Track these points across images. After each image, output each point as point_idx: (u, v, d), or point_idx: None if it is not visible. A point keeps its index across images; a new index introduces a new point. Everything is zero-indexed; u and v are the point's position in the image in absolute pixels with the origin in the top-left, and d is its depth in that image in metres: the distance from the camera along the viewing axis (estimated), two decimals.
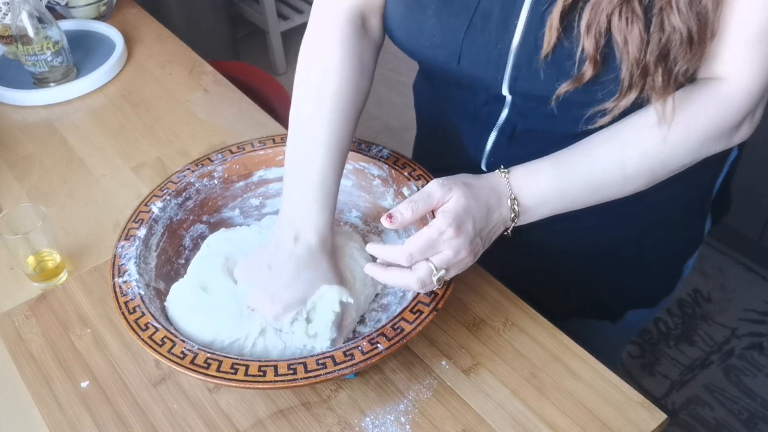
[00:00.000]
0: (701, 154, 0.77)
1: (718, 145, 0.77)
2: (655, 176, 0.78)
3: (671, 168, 0.77)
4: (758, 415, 1.75)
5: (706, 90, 0.74)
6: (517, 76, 0.78)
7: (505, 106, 0.84)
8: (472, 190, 0.75)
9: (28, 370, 0.86)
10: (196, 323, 0.79)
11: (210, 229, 0.95)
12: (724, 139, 0.77)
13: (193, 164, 0.95)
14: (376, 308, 0.87)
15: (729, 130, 0.76)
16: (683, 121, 0.74)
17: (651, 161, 0.76)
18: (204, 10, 2.75)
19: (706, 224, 1.01)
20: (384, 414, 0.79)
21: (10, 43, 1.38)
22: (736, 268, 2.10)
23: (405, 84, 2.83)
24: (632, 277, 1.01)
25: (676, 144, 0.75)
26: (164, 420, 0.80)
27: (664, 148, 0.75)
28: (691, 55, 0.69)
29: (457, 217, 0.72)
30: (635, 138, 0.75)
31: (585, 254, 0.98)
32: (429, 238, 0.72)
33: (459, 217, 0.73)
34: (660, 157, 0.76)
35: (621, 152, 0.76)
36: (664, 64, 0.69)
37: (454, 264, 0.74)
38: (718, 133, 0.75)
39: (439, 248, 0.72)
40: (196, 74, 1.36)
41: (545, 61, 0.73)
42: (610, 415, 0.77)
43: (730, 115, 0.74)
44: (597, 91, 0.73)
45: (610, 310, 1.07)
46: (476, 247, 0.75)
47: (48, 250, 0.98)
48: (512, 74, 0.78)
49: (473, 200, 0.74)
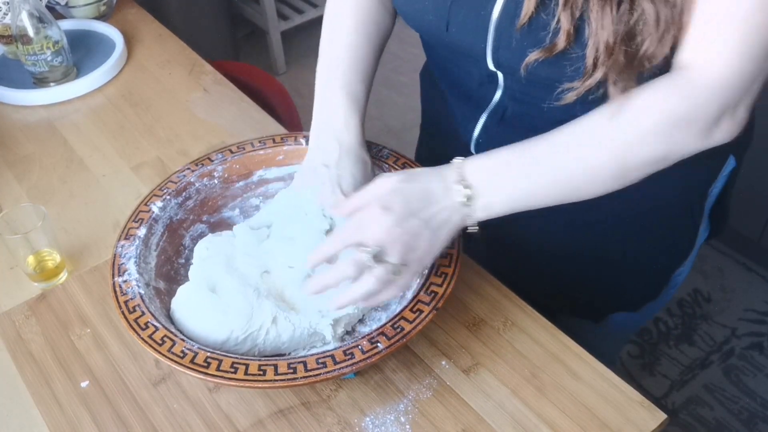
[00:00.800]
0: (674, 146, 0.73)
1: (693, 139, 0.73)
2: (625, 167, 0.74)
3: (641, 158, 0.73)
4: (758, 415, 1.75)
5: (672, 77, 0.72)
6: (498, 46, 0.78)
7: (498, 87, 0.85)
8: (409, 174, 0.76)
9: (28, 370, 0.86)
10: (209, 324, 0.80)
11: (210, 229, 0.95)
12: (699, 132, 0.72)
13: (193, 164, 0.95)
14: (376, 308, 0.87)
15: (702, 123, 0.72)
16: (644, 105, 0.71)
17: (612, 147, 0.73)
18: (204, 10, 2.75)
19: (698, 235, 0.99)
20: (384, 414, 0.79)
21: (10, 43, 1.38)
22: (736, 268, 2.10)
23: (405, 84, 2.83)
24: (616, 279, 1.01)
25: (637, 130, 0.72)
26: (164, 420, 0.80)
27: (626, 136, 0.72)
28: (658, 40, 0.68)
29: (381, 196, 0.73)
30: (592, 125, 0.74)
31: (571, 252, 0.98)
32: (352, 221, 0.74)
33: (383, 197, 0.73)
34: (621, 144, 0.73)
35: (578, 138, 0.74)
36: (628, 46, 0.69)
37: (390, 243, 0.72)
38: (686, 123, 0.71)
39: (365, 228, 0.73)
40: (196, 74, 1.36)
41: (521, 31, 0.74)
42: (610, 415, 0.77)
43: (700, 104, 0.71)
44: (566, 66, 0.73)
45: (593, 310, 1.07)
46: (414, 228, 0.73)
47: (48, 250, 0.98)
48: (494, 43, 0.78)
49: (405, 182, 0.75)
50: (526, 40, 0.74)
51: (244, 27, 3.12)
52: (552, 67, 0.74)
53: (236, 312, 0.80)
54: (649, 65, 0.71)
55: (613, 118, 0.72)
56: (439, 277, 0.79)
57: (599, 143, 0.73)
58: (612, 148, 0.73)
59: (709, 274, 2.09)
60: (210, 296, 0.82)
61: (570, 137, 0.74)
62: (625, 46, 0.69)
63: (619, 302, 1.06)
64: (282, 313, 0.81)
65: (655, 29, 0.68)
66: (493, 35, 0.78)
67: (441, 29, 0.82)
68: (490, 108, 0.89)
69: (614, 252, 0.97)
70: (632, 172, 0.75)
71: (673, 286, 1.05)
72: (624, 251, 0.97)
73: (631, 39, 0.69)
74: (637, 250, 0.98)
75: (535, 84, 0.77)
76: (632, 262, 0.99)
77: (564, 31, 0.70)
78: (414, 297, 0.77)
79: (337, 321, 0.81)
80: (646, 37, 0.69)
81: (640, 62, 0.70)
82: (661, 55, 0.70)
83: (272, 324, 0.80)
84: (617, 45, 0.68)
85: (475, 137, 0.93)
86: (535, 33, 0.73)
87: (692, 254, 1.02)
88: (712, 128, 0.72)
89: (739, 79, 0.70)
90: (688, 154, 0.75)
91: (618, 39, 0.68)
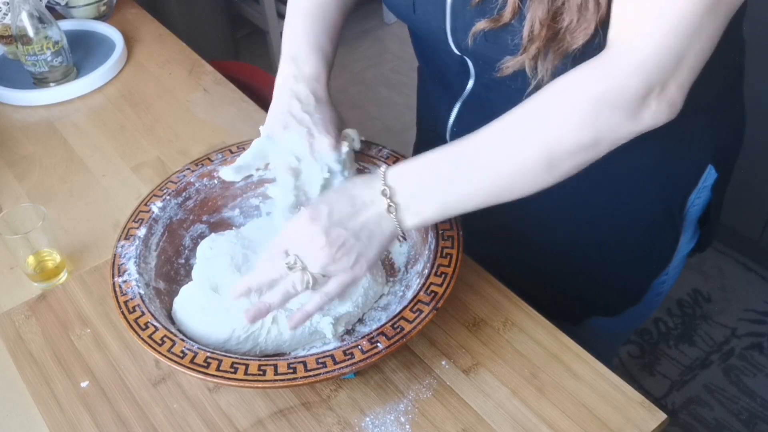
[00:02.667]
0: (601, 130, 0.69)
1: (619, 121, 0.69)
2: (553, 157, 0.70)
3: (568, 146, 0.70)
4: (758, 415, 1.75)
5: (596, 58, 0.70)
6: (456, 26, 0.79)
7: (471, 76, 0.87)
8: (341, 187, 0.78)
9: (28, 370, 0.86)
10: (210, 323, 0.80)
11: (210, 229, 0.95)
12: (625, 114, 0.69)
13: (193, 164, 0.96)
14: (375, 308, 0.87)
15: (626, 103, 0.68)
16: (565, 89, 0.70)
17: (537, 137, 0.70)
18: (204, 10, 2.75)
19: (680, 244, 0.98)
20: (384, 414, 0.79)
21: (10, 43, 1.38)
22: (736, 268, 2.10)
23: (405, 84, 2.83)
24: (594, 282, 1.01)
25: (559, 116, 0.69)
26: (164, 420, 0.80)
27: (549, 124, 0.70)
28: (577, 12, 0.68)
29: (311, 206, 0.75)
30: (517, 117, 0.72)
31: (553, 248, 0.98)
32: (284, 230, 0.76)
33: (312, 207, 0.74)
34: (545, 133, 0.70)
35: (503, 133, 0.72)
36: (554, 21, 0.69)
37: (312, 253, 0.73)
38: (609, 104, 0.68)
39: (291, 237, 0.75)
40: (196, 74, 1.36)
41: (474, 8, 0.75)
42: (610, 415, 0.77)
43: (621, 83, 0.68)
44: (508, 40, 0.74)
45: (571, 312, 1.06)
46: (340, 239, 0.73)
47: (48, 250, 0.98)
48: (452, 24, 0.79)
49: (333, 194, 0.76)
50: (478, 17, 0.75)
51: (244, 27, 3.12)
52: (496, 40, 0.75)
53: (238, 311, 0.80)
54: (573, 43, 0.70)
55: (536, 107, 0.71)
56: (439, 277, 0.79)
57: (523, 135, 0.71)
58: (537, 139, 0.70)
59: (709, 274, 2.09)
60: (212, 295, 0.82)
61: (495, 134, 0.72)
62: (550, 21, 0.69)
63: (596, 305, 1.06)
64: (283, 312, 0.81)
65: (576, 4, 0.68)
66: (450, 16, 0.79)
67: (409, 12, 0.84)
68: (463, 97, 0.91)
69: (593, 253, 0.97)
70: (562, 162, 0.71)
71: (657, 294, 1.04)
72: (601, 253, 0.97)
73: (556, 14, 0.69)
74: (615, 254, 0.97)
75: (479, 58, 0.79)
76: (610, 263, 0.99)
77: (510, 3, 0.71)
78: (414, 297, 0.77)
79: (337, 320, 0.82)
80: (568, 12, 0.69)
81: (563, 37, 0.70)
82: (583, 33, 0.69)
83: (273, 323, 0.81)
84: (547, 20, 0.69)
85: (450, 126, 0.95)
86: (486, 9, 0.74)
87: (675, 263, 1.01)
88: (638, 109, 0.69)
89: (662, 55, 0.67)
90: (621, 139, 0.71)
91: (549, 15, 0.69)
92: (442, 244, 0.82)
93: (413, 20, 0.85)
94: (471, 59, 0.85)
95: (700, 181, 0.92)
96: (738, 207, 1.08)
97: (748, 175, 1.22)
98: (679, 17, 0.65)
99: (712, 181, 0.93)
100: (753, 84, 1.02)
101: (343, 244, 0.73)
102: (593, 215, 0.93)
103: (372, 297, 0.86)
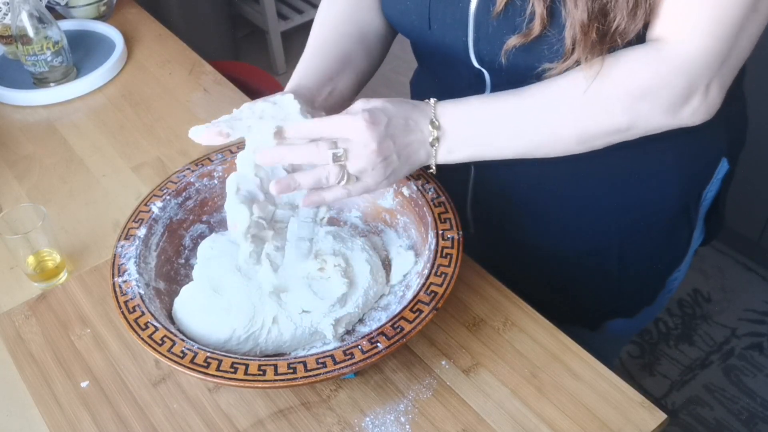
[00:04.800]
0: (638, 118, 0.73)
1: (658, 113, 0.73)
2: (587, 134, 0.75)
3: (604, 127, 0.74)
4: (758, 415, 1.75)
5: (644, 49, 0.71)
6: (479, 38, 0.79)
7: (486, 87, 0.86)
8: (394, 101, 0.77)
9: (28, 369, 0.86)
10: (211, 323, 0.80)
11: (210, 229, 0.95)
12: (665, 107, 0.72)
13: (193, 164, 0.96)
14: (375, 308, 0.87)
15: (669, 98, 0.71)
16: (612, 75, 0.72)
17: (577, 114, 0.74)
18: (204, 10, 2.75)
19: (693, 239, 0.99)
20: (384, 414, 0.79)
21: (10, 43, 1.38)
22: (736, 268, 2.10)
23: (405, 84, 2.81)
24: (613, 285, 1.01)
25: (602, 99, 0.72)
26: (164, 420, 0.80)
27: (591, 104, 0.73)
28: (630, 15, 0.68)
29: (372, 110, 0.74)
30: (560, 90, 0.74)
31: (571, 256, 0.98)
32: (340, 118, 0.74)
33: (374, 112, 0.74)
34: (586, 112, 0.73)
35: (545, 102, 0.75)
36: (601, 23, 0.69)
37: (357, 155, 0.73)
38: (652, 96, 0.71)
39: (345, 131, 0.73)
40: (196, 74, 1.36)
41: (497, 18, 0.75)
42: (610, 415, 0.77)
43: (667, 78, 0.70)
44: (544, 50, 0.73)
45: (589, 317, 1.06)
46: (387, 152, 0.74)
47: (48, 250, 0.98)
48: (474, 36, 0.79)
49: (392, 106, 0.76)
50: (503, 29, 0.75)
51: (244, 27, 3.12)
52: (530, 53, 0.74)
53: (239, 311, 0.80)
54: (621, 41, 0.71)
55: (581, 85, 0.73)
56: (439, 277, 0.79)
57: (565, 109, 0.74)
58: (577, 116, 0.74)
59: (709, 274, 2.09)
60: (212, 295, 0.82)
61: (538, 99, 0.75)
62: (597, 23, 0.69)
63: (615, 309, 1.06)
64: (283, 312, 0.81)
65: (626, 5, 0.68)
66: (473, 27, 0.78)
67: (424, 28, 0.83)
68: None
69: (611, 254, 0.97)
70: (595, 139, 0.76)
71: (669, 291, 1.04)
72: (621, 253, 0.97)
73: (604, 16, 0.69)
74: (634, 255, 0.97)
75: (520, 81, 0.78)
76: (629, 267, 0.99)
77: (538, 16, 0.71)
78: (414, 297, 0.77)
79: (338, 321, 0.82)
80: (617, 13, 0.69)
81: (612, 38, 0.70)
82: (633, 31, 0.70)
83: (274, 323, 0.81)
84: (591, 23, 0.69)
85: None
86: (512, 20, 0.74)
87: (687, 259, 1.01)
88: (680, 105, 0.72)
89: (709, 57, 0.69)
90: (654, 130, 0.75)
91: (592, 17, 0.68)
92: (442, 244, 0.82)
93: (427, 36, 0.84)
94: (490, 72, 0.83)
95: (715, 174, 0.93)
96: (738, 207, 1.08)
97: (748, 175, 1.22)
98: (728, 23, 0.67)
99: (723, 174, 0.94)
100: (753, 84, 1.02)
101: (388, 157, 0.74)
102: (614, 218, 0.93)
103: (372, 297, 0.86)
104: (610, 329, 1.08)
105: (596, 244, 0.96)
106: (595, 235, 0.95)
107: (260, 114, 0.77)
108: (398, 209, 0.92)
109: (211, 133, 0.75)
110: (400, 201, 0.91)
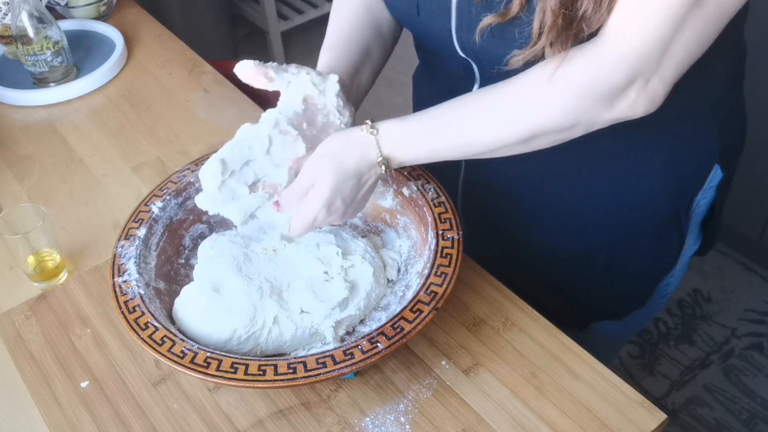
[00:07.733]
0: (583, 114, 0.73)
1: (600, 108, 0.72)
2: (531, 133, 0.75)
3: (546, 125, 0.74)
4: (758, 415, 1.75)
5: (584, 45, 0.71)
6: (461, 25, 0.79)
7: (475, 81, 0.87)
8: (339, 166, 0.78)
9: (28, 370, 0.86)
10: (212, 323, 0.80)
11: (210, 229, 0.95)
12: (605, 101, 0.71)
13: (193, 164, 0.95)
14: (376, 308, 0.87)
15: (607, 91, 0.71)
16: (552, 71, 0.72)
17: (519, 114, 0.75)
18: (204, 10, 2.75)
19: (685, 246, 0.99)
20: (384, 414, 0.79)
21: (10, 43, 1.38)
22: (736, 268, 2.10)
23: (405, 84, 2.81)
24: (600, 288, 1.01)
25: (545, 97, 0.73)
26: (164, 420, 0.80)
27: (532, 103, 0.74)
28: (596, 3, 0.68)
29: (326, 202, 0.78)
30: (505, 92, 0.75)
31: (560, 256, 0.98)
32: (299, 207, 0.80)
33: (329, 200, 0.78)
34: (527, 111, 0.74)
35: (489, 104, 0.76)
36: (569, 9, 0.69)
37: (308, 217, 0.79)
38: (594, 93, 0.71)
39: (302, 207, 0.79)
40: (196, 74, 1.36)
41: (480, 4, 0.75)
42: (610, 415, 0.77)
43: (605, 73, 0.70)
44: (515, 33, 0.73)
45: (576, 318, 1.06)
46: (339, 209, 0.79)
47: (48, 250, 0.98)
48: (457, 23, 0.79)
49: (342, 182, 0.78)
50: (484, 14, 0.75)
51: (244, 27, 3.12)
52: (503, 38, 0.74)
53: (239, 311, 0.80)
54: (587, 29, 0.70)
55: (524, 91, 0.74)
56: (439, 277, 0.79)
57: (510, 116, 0.75)
58: (520, 120, 0.75)
59: (709, 274, 2.09)
60: (213, 296, 0.82)
61: (484, 107, 0.76)
62: (565, 9, 0.69)
63: (603, 310, 1.06)
64: (284, 313, 0.81)
65: None
66: (455, 14, 0.79)
67: (413, 14, 0.83)
68: None
69: (600, 256, 0.97)
70: (539, 140, 0.76)
71: (662, 296, 1.04)
72: (610, 259, 0.97)
73: (572, 3, 0.69)
74: (623, 259, 0.97)
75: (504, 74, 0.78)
76: (617, 270, 0.99)
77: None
78: (414, 297, 0.77)
79: (338, 323, 0.81)
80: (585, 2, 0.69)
81: (578, 25, 0.70)
82: (597, 21, 0.70)
83: (274, 323, 0.81)
84: (560, 8, 0.68)
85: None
86: (492, 6, 0.74)
87: (680, 265, 1.01)
88: (616, 98, 0.71)
89: (646, 48, 0.68)
90: (598, 125, 0.74)
91: (562, 2, 0.68)
92: (442, 244, 0.82)
93: (417, 23, 0.85)
94: (475, 61, 0.84)
95: (707, 181, 0.93)
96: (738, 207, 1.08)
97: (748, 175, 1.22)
98: (663, 10, 0.66)
99: (717, 182, 0.93)
100: (753, 85, 1.02)
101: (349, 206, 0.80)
102: (603, 220, 0.93)
103: (374, 299, 0.86)
104: (598, 331, 1.08)
105: (585, 245, 0.96)
106: (584, 236, 0.95)
107: (305, 77, 0.81)
108: (398, 209, 0.92)
109: (257, 73, 0.80)
110: (400, 201, 0.91)
